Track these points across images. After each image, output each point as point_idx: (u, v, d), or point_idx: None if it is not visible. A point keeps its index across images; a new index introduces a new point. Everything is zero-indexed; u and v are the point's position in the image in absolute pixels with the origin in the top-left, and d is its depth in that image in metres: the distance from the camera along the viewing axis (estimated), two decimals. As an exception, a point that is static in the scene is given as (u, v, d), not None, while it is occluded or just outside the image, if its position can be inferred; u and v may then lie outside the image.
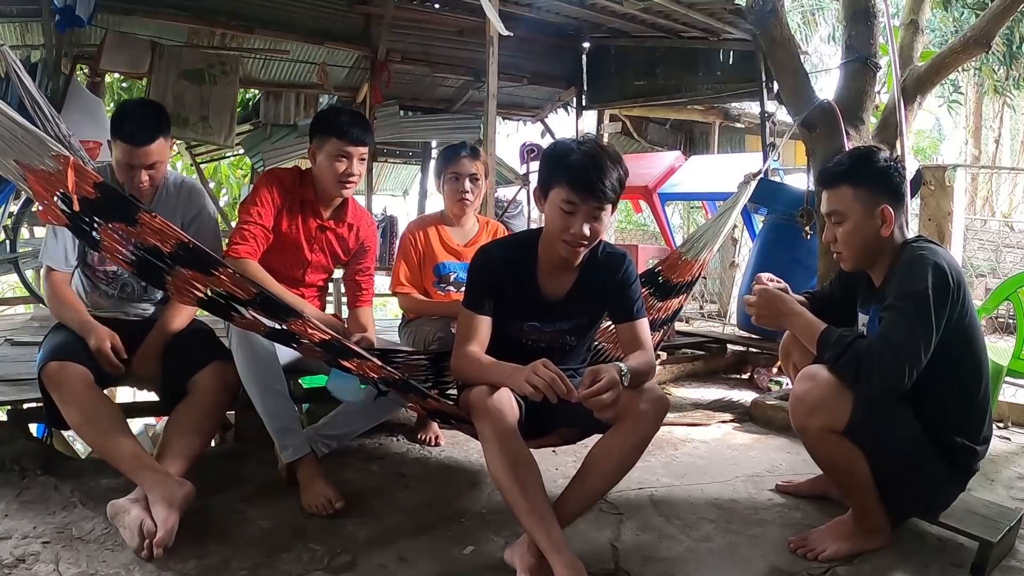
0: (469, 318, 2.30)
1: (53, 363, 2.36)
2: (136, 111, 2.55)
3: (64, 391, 2.34)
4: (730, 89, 7.27)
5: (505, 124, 10.14)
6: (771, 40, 3.95)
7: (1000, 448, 3.46)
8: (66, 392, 2.34)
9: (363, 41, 7.27)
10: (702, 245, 3.15)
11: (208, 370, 2.50)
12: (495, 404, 2.05)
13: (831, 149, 3.64)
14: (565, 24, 7.49)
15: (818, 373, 2.19)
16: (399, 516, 2.45)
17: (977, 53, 3.94)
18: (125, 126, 2.48)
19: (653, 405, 2.10)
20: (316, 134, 2.80)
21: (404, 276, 3.22)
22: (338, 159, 2.75)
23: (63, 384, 2.34)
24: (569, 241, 2.17)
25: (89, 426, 2.35)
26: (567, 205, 2.13)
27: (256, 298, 2.05)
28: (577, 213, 2.14)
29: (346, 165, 2.77)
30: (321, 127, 2.80)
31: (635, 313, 2.35)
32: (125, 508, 2.12)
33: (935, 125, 19.46)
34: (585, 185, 2.11)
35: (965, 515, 2.33)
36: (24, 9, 5.83)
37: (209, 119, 6.70)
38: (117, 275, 2.67)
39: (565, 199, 2.13)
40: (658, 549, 2.29)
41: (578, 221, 2.14)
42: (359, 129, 2.77)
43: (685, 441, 3.46)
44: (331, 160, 2.75)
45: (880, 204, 2.24)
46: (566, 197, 2.13)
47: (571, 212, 2.14)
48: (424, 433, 3.22)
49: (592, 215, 2.15)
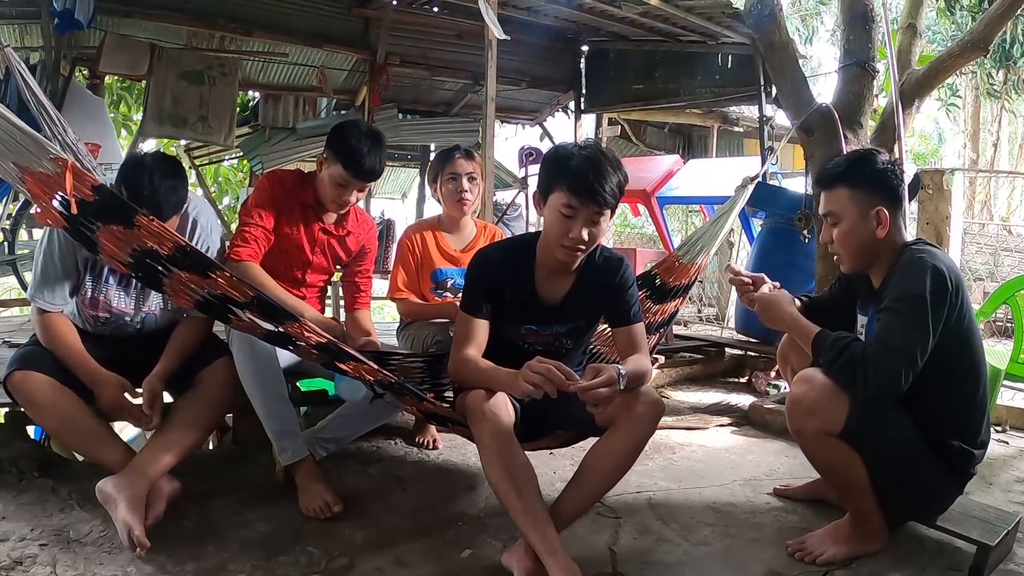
0: (467, 321, 2.30)
1: (17, 373, 2.32)
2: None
3: (33, 401, 2.32)
4: (728, 93, 7.27)
5: (504, 127, 10.14)
6: (769, 44, 3.96)
7: (998, 451, 3.47)
8: (36, 402, 2.32)
9: (362, 44, 7.28)
10: (699, 248, 3.15)
11: (216, 366, 2.50)
12: (491, 408, 2.05)
13: (829, 153, 3.65)
14: (564, 28, 7.50)
15: (815, 376, 2.19)
16: (397, 519, 2.45)
17: (975, 57, 3.96)
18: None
19: (649, 408, 2.11)
20: (330, 148, 2.75)
21: (402, 282, 3.22)
22: (339, 186, 2.76)
23: (31, 394, 2.31)
24: (568, 245, 2.17)
25: (69, 434, 2.37)
26: (567, 209, 2.14)
27: (252, 301, 2.05)
28: (576, 217, 2.14)
29: (345, 194, 2.78)
30: (337, 147, 2.74)
31: (632, 317, 2.35)
32: (113, 500, 2.14)
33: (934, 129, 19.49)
34: (585, 190, 2.11)
35: (963, 519, 2.33)
36: (23, 11, 5.84)
37: (208, 119, 6.69)
38: (106, 320, 2.54)
39: (565, 203, 2.13)
40: (655, 553, 2.29)
41: (577, 225, 2.14)
42: (370, 165, 2.73)
43: (683, 445, 3.46)
44: (333, 182, 2.75)
45: (876, 206, 2.24)
46: (566, 201, 2.13)
47: (570, 216, 2.14)
48: (422, 436, 3.22)
49: (591, 220, 2.15)
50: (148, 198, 2.21)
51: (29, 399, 2.32)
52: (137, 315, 2.56)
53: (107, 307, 2.51)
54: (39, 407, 2.33)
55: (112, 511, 2.14)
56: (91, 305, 2.50)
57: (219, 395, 2.49)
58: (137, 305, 2.55)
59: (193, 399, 2.45)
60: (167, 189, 2.28)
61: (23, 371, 2.32)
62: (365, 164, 2.72)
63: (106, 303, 2.50)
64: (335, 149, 2.74)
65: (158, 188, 2.25)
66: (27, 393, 2.32)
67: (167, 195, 2.28)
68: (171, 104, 6.46)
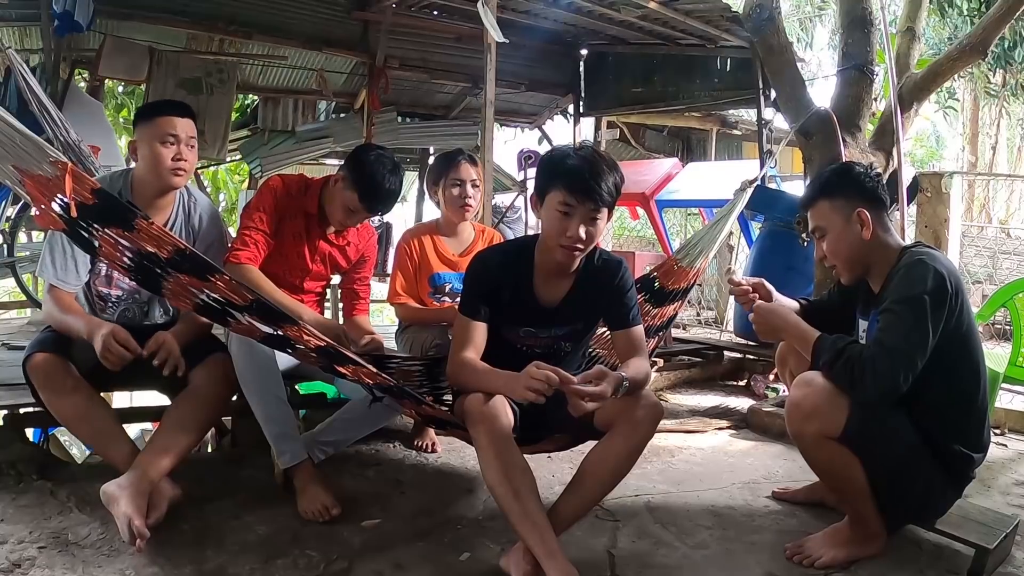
0: (465, 324, 2.30)
1: (38, 355, 2.34)
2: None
3: (50, 385, 2.33)
4: (727, 96, 7.28)
5: (503, 131, 10.12)
6: (768, 48, 3.97)
7: (997, 454, 3.47)
8: (53, 386, 2.33)
9: (361, 47, 7.28)
10: (698, 252, 3.15)
11: (208, 362, 2.49)
12: (490, 410, 2.06)
13: (828, 156, 3.65)
14: (563, 31, 7.50)
15: (814, 379, 2.20)
16: (395, 522, 2.45)
17: (974, 60, 3.97)
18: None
19: (648, 411, 2.11)
20: (350, 173, 2.74)
21: (400, 287, 3.22)
22: (350, 212, 2.78)
23: (49, 377, 2.32)
24: (565, 245, 2.18)
25: (81, 422, 2.37)
26: (564, 207, 2.14)
27: (252, 304, 2.05)
28: (574, 215, 2.14)
29: (354, 220, 2.85)
30: (358, 175, 2.73)
31: (631, 320, 2.36)
32: (116, 498, 2.14)
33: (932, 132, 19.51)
34: (582, 187, 2.12)
35: (962, 522, 2.33)
36: (23, 13, 5.83)
37: (204, 132, 6.69)
38: (118, 299, 2.59)
39: (562, 201, 2.14)
40: (654, 556, 2.29)
41: (574, 224, 2.15)
42: (387, 200, 2.80)
43: (682, 448, 3.46)
44: (345, 207, 2.77)
45: (855, 208, 2.27)
46: (563, 199, 2.14)
47: (567, 214, 2.15)
48: (421, 440, 3.22)
49: (588, 218, 2.15)
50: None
51: (46, 383, 2.33)
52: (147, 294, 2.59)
53: (120, 284, 2.55)
54: (54, 392, 2.34)
55: (114, 508, 2.14)
56: (105, 282, 2.56)
57: (213, 391, 2.48)
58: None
59: (187, 399, 2.44)
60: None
61: (43, 354, 2.34)
62: (382, 199, 2.77)
63: (119, 279, 2.54)
64: (356, 176, 2.73)
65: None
66: (44, 376, 2.33)
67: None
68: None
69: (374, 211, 2.80)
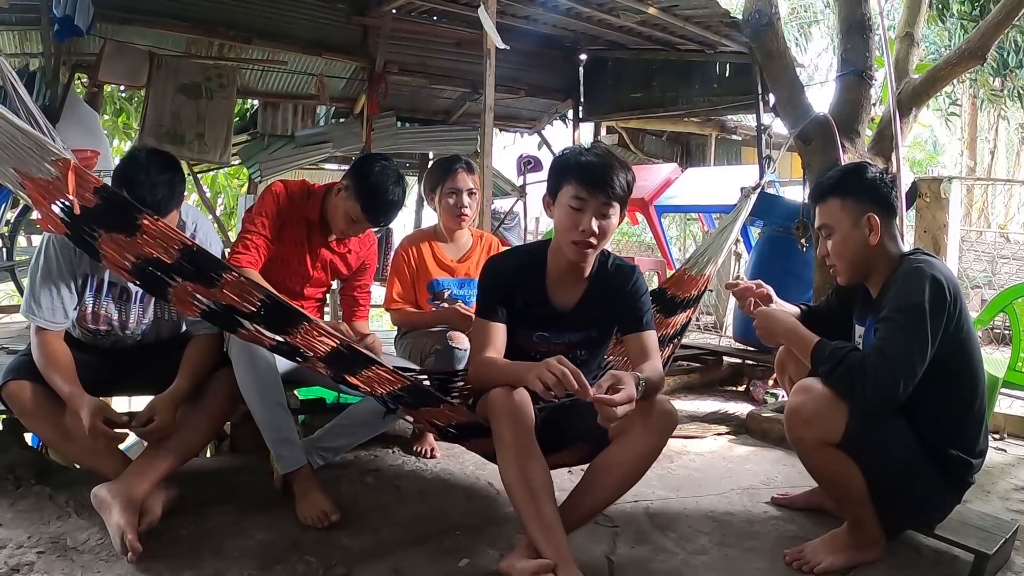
0: (483, 326, 2.31)
1: (13, 383, 2.31)
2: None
3: (28, 411, 2.31)
4: (726, 101, 7.30)
5: (502, 136, 10.13)
6: (767, 53, 3.97)
7: (996, 460, 3.47)
8: (31, 412, 2.31)
9: (361, 52, 7.28)
10: (706, 260, 3.18)
11: (218, 376, 2.48)
12: (515, 403, 2.05)
13: (827, 161, 3.66)
14: (562, 36, 7.52)
15: (813, 386, 2.20)
16: (394, 528, 2.45)
17: (973, 65, 3.97)
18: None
19: (662, 419, 2.11)
20: (353, 183, 2.73)
21: (397, 293, 3.22)
22: (352, 222, 2.78)
23: (26, 405, 2.30)
24: (578, 240, 2.19)
25: (66, 443, 2.35)
26: (576, 201, 2.17)
27: (260, 310, 2.03)
28: (586, 209, 2.16)
29: (356, 230, 2.85)
30: (361, 186, 2.72)
31: (644, 324, 2.36)
32: (108, 505, 2.13)
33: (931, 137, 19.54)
34: (594, 180, 2.15)
35: (961, 527, 2.33)
36: (23, 17, 5.83)
37: (205, 137, 6.69)
38: (107, 332, 2.53)
39: (574, 195, 2.17)
40: (653, 562, 2.29)
41: (587, 217, 2.16)
42: (390, 212, 2.82)
43: (681, 453, 3.45)
44: (347, 217, 2.77)
45: (866, 212, 2.27)
46: (575, 193, 2.17)
47: (580, 208, 2.17)
48: (420, 445, 3.21)
49: (601, 211, 2.17)
50: (147, 192, 2.17)
51: (24, 410, 2.32)
52: (138, 327, 2.56)
53: (108, 320, 2.50)
54: (34, 418, 2.33)
55: (106, 516, 2.14)
56: (92, 320, 2.48)
57: (219, 406, 2.48)
58: (138, 318, 2.54)
59: (193, 408, 2.43)
60: (163, 183, 2.24)
61: (18, 381, 2.31)
62: (385, 211, 2.77)
63: (107, 316, 2.50)
64: (359, 187, 2.73)
65: (156, 183, 2.22)
66: (22, 404, 2.31)
67: (164, 189, 2.24)
68: (169, 120, 6.44)
69: (377, 222, 2.80)
